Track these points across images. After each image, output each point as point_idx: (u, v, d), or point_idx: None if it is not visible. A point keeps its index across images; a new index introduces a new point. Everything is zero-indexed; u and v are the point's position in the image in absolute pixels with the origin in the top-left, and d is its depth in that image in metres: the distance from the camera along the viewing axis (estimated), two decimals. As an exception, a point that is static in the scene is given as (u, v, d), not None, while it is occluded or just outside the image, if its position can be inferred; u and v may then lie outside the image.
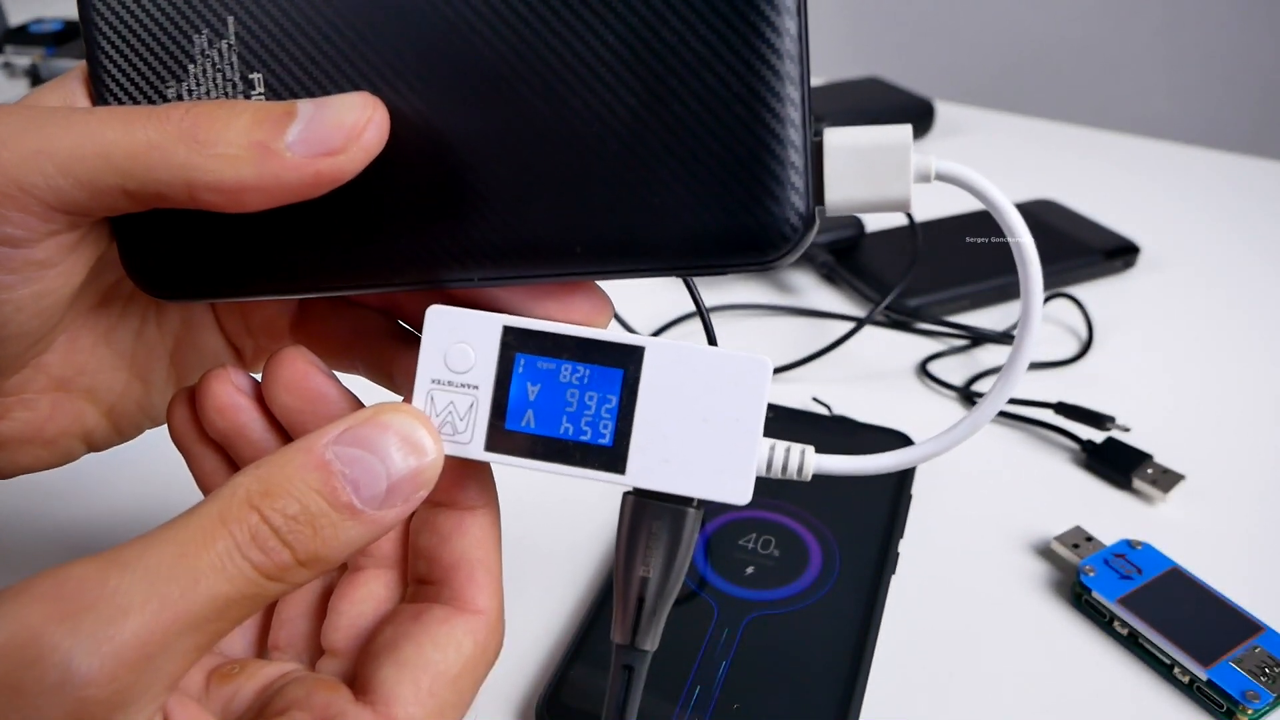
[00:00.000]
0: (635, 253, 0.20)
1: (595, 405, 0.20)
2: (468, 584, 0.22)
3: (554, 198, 0.20)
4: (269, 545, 0.18)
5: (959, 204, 0.62)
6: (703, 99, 0.19)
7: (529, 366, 0.21)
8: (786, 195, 0.19)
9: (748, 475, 0.20)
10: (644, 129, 0.19)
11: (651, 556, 0.21)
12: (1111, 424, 0.40)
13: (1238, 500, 0.38)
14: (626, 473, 0.20)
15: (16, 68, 0.83)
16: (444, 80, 0.20)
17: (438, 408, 0.21)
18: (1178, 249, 0.58)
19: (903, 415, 0.43)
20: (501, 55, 0.20)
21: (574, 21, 0.19)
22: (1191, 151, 0.72)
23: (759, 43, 0.19)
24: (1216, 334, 0.49)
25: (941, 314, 0.50)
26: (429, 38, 0.20)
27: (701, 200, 0.19)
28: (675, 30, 0.19)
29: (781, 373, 0.45)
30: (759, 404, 0.20)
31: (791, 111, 0.19)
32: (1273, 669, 0.30)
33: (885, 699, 0.30)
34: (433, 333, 0.21)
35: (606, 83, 0.19)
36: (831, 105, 0.71)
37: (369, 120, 0.20)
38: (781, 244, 0.19)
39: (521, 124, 0.20)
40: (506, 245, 0.21)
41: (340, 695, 0.21)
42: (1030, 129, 0.76)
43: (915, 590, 0.34)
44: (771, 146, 0.19)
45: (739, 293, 0.52)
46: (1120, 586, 0.32)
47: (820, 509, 0.35)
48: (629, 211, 0.20)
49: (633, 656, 0.21)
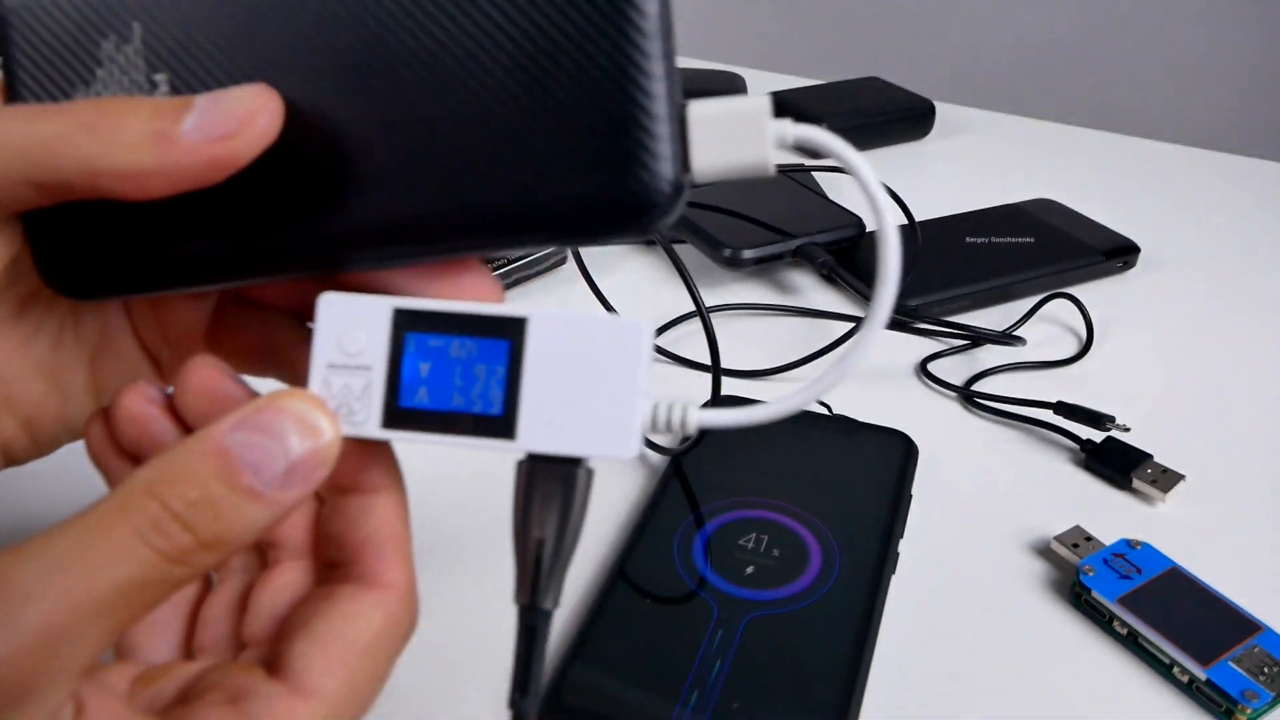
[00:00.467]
0: (517, 227, 0.21)
1: (484, 377, 0.21)
2: (376, 561, 0.23)
3: (439, 178, 0.21)
4: (170, 530, 0.19)
5: (959, 204, 0.62)
6: (574, 78, 0.20)
7: (420, 345, 0.22)
8: (657, 164, 0.20)
9: (632, 431, 0.21)
10: (519, 109, 0.21)
11: (546, 518, 0.21)
12: (1111, 424, 0.40)
13: (1237, 500, 0.38)
14: (516, 438, 0.21)
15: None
16: (333, 72, 0.22)
17: (333, 390, 0.22)
18: (1178, 249, 0.58)
19: (903, 415, 0.43)
20: (384, 44, 0.21)
21: (449, 8, 0.21)
22: (1191, 151, 0.72)
23: (624, 23, 0.20)
24: (1216, 334, 0.49)
25: (941, 314, 0.50)
26: (319, 33, 0.22)
27: (577, 173, 0.20)
28: (546, 13, 0.20)
29: (781, 373, 0.45)
30: (638, 365, 0.21)
31: (657, 87, 0.20)
32: (1271, 668, 0.30)
33: (885, 699, 0.30)
34: (325, 319, 0.22)
35: (482, 65, 0.21)
36: (832, 105, 0.72)
37: (261, 107, 0.21)
38: (655, 210, 0.20)
39: (405, 110, 0.21)
40: (397, 227, 0.22)
41: (254, 675, 0.21)
42: (1030, 129, 0.76)
43: (915, 590, 0.34)
44: (640, 119, 0.20)
45: (739, 293, 0.52)
46: (1120, 586, 0.32)
47: (820, 509, 0.35)
48: (510, 188, 0.21)
49: (535, 616, 0.22)
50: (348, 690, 0.21)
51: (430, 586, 0.34)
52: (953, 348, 0.47)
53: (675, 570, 0.33)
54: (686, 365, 0.46)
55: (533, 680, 0.22)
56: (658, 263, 0.55)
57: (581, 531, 0.22)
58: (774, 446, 0.39)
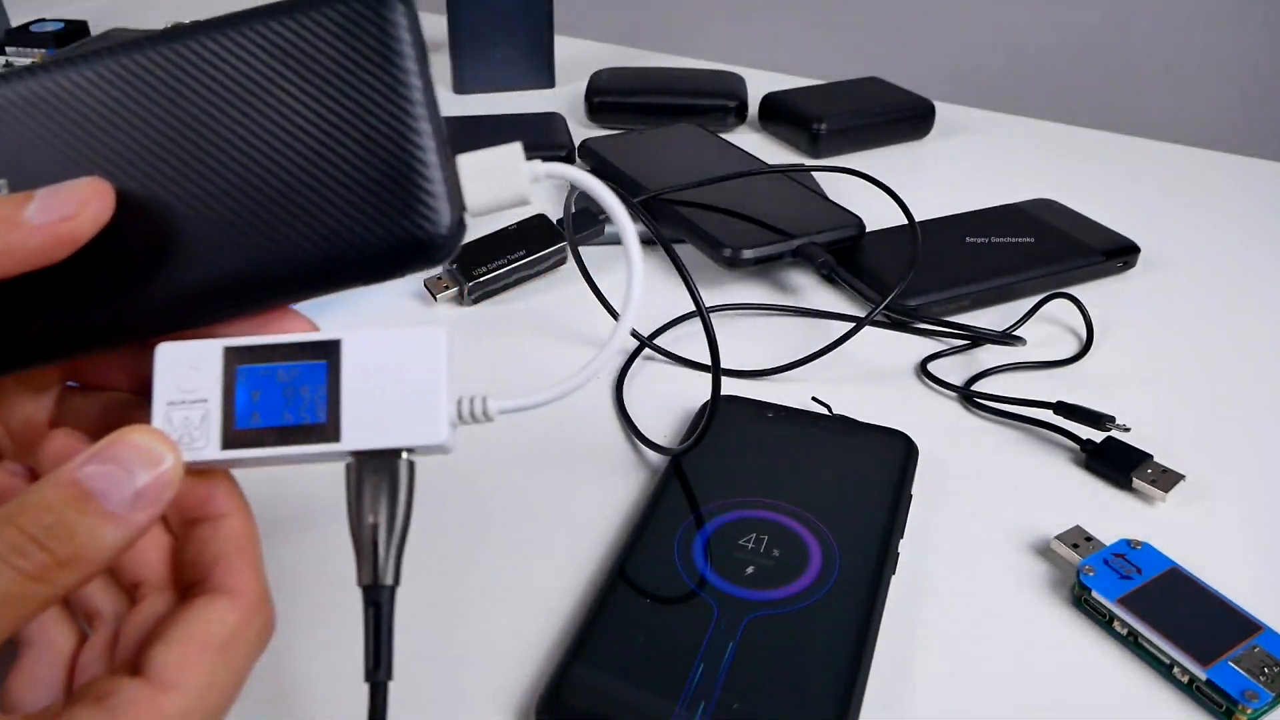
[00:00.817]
0: (330, 276, 0.25)
1: (309, 393, 0.24)
2: (226, 574, 0.25)
3: (259, 244, 0.25)
4: (27, 550, 0.21)
5: (959, 204, 0.62)
6: (364, 153, 0.25)
7: (249, 375, 0.25)
8: (437, 209, 0.24)
9: (438, 420, 0.24)
10: (322, 180, 0.25)
11: (378, 504, 0.24)
12: (1111, 424, 0.40)
13: (1237, 500, 0.38)
14: (341, 440, 0.24)
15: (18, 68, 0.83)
16: (157, 163, 0.25)
17: (174, 424, 0.24)
18: (1178, 249, 0.58)
19: (903, 415, 0.43)
20: (201, 135, 0.25)
21: (256, 104, 0.25)
22: (1191, 151, 0.72)
23: (399, 109, 0.25)
24: (1216, 334, 0.49)
25: (941, 314, 0.50)
26: (143, 131, 0.25)
27: (375, 226, 0.24)
28: (338, 103, 0.25)
29: (782, 373, 0.45)
30: (439, 365, 0.24)
31: (429, 155, 0.25)
32: (1272, 668, 0.30)
33: (885, 699, 0.30)
34: (163, 365, 0.25)
35: (287, 146, 0.25)
36: (832, 105, 0.72)
37: (96, 192, 0.24)
38: (441, 244, 0.24)
39: (223, 189, 0.25)
40: (225, 288, 0.25)
41: (118, 679, 0.23)
42: (1030, 129, 0.77)
43: (915, 590, 0.34)
44: (418, 178, 0.24)
45: (739, 293, 0.52)
46: (1120, 586, 0.32)
47: (820, 509, 0.35)
48: (320, 245, 0.24)
49: (379, 594, 0.24)
50: (207, 684, 0.23)
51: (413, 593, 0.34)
52: (953, 348, 0.47)
53: (675, 570, 0.33)
54: (686, 365, 0.46)
55: (383, 653, 0.24)
56: (658, 263, 0.55)
57: (411, 516, 0.25)
58: (774, 446, 0.39)
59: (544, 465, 0.40)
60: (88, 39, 0.88)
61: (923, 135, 0.74)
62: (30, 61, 0.88)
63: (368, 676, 0.24)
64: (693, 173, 0.59)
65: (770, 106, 0.74)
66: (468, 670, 0.31)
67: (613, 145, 0.64)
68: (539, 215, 0.53)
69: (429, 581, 0.34)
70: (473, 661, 0.31)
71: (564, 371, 0.45)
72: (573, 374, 0.26)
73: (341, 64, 0.25)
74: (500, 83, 0.82)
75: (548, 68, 0.83)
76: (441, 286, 0.50)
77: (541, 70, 0.82)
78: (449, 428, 0.24)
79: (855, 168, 0.57)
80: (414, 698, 0.30)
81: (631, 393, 0.44)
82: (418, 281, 0.52)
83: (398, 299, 0.51)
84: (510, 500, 0.38)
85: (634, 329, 0.47)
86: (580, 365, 0.26)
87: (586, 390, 0.44)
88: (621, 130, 0.72)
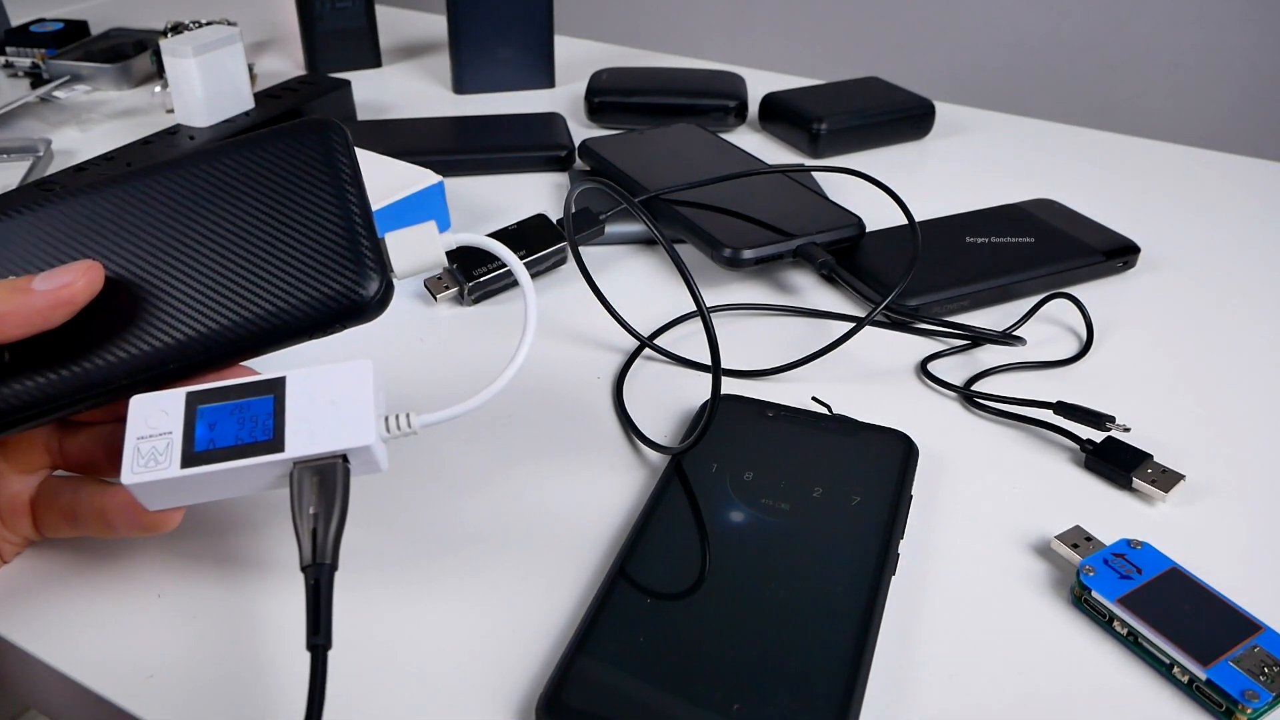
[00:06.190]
0: (285, 335, 0.31)
1: (260, 420, 0.29)
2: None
3: (223, 313, 0.31)
4: None
5: (959, 204, 0.62)
6: (309, 240, 0.32)
7: (208, 411, 0.29)
8: (370, 276, 0.31)
9: (367, 427, 0.29)
10: (275, 263, 0.31)
11: (318, 497, 0.28)
12: (1111, 424, 0.41)
13: (1237, 500, 0.38)
14: (285, 449, 0.28)
15: (18, 68, 0.83)
16: (139, 252, 0.32)
17: (143, 452, 0.29)
18: (1178, 249, 0.58)
19: (903, 415, 0.43)
20: (176, 232, 0.32)
21: (223, 205, 0.33)
22: (1191, 151, 0.72)
23: (335, 206, 0.32)
24: (1216, 334, 0.49)
25: (941, 314, 0.50)
26: (127, 227, 0.32)
27: (321, 294, 0.31)
28: (288, 201, 0.32)
29: (782, 373, 0.45)
30: (367, 387, 0.30)
31: (362, 240, 0.32)
32: (1272, 668, 0.30)
33: (885, 699, 0.30)
34: (135, 412, 0.29)
35: (250, 237, 0.32)
36: (832, 105, 0.72)
37: (89, 267, 0.30)
38: (373, 304, 0.31)
39: (192, 273, 0.31)
40: (197, 348, 0.31)
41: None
42: (1030, 129, 0.77)
43: (915, 590, 0.34)
44: (355, 253, 0.31)
45: (739, 293, 0.52)
46: (1120, 586, 0.33)
47: (820, 509, 0.35)
48: (275, 310, 0.31)
49: (319, 571, 0.27)
50: None
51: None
52: (953, 348, 0.47)
53: (676, 569, 0.33)
54: (686, 365, 0.46)
55: (323, 622, 0.27)
56: (658, 263, 0.55)
57: (346, 514, 0.28)
58: (774, 446, 0.39)
59: (544, 465, 0.40)
60: (86, 38, 0.88)
61: (923, 135, 0.74)
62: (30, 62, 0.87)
63: (309, 644, 0.26)
64: (693, 173, 0.59)
65: (770, 106, 0.74)
66: (469, 669, 0.31)
67: (613, 145, 0.64)
68: (539, 215, 0.53)
69: (429, 581, 0.34)
70: (474, 660, 0.31)
71: (564, 373, 0.45)
72: (485, 390, 0.32)
73: (294, 176, 0.33)
74: (500, 83, 0.82)
75: (548, 68, 0.83)
76: (441, 287, 0.51)
77: (541, 70, 0.83)
78: (376, 435, 0.29)
79: (855, 168, 0.57)
80: (415, 697, 0.30)
81: (631, 392, 0.44)
82: (418, 283, 0.52)
83: (398, 299, 0.51)
84: (511, 499, 0.38)
85: (634, 329, 0.47)
86: (496, 384, 0.32)
87: (587, 390, 0.44)
88: (621, 130, 0.73)
